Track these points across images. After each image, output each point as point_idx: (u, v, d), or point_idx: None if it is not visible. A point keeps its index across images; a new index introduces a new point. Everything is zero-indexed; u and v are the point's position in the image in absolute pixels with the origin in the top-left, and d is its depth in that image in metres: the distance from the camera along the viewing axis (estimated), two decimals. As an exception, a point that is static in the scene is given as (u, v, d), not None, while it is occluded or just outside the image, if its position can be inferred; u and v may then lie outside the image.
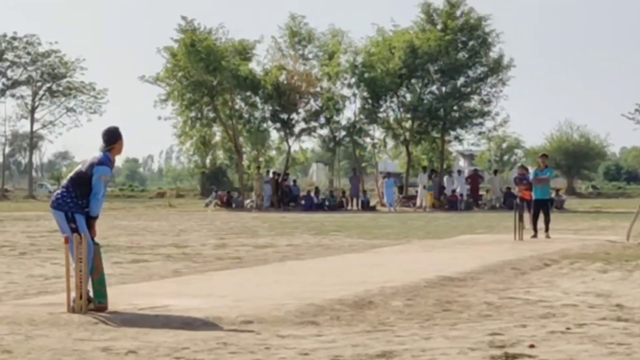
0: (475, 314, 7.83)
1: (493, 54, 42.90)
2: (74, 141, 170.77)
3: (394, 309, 8.13)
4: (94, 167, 7.79)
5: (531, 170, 19.75)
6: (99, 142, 8.11)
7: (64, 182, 8.05)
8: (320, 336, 6.68)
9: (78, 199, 7.81)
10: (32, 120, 56.77)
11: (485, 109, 43.55)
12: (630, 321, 7.30)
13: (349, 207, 38.94)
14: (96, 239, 8.02)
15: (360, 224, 25.22)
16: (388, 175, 41.79)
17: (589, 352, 5.96)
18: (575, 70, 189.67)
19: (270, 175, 39.93)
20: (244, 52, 41.90)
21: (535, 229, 17.84)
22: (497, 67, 42.59)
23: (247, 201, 39.51)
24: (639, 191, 63.72)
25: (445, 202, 38.25)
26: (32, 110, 56.38)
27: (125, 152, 8.48)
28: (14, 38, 54.54)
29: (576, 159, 63.27)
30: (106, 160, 7.88)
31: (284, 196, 39.13)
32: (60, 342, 6.51)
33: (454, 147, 50.29)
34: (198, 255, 14.19)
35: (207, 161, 50.33)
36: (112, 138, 7.99)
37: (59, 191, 7.96)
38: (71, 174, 8.03)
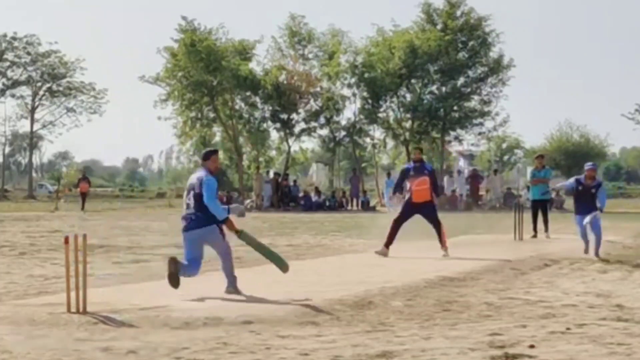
0: (475, 314, 7.83)
1: (493, 54, 43.00)
2: (74, 141, 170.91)
3: (394, 309, 8.13)
4: (202, 182, 8.79)
5: (529, 170, 19.71)
6: (99, 142, 8.28)
7: (192, 204, 8.87)
8: (320, 336, 6.68)
9: (205, 212, 8.75)
10: (32, 120, 56.79)
11: (485, 109, 43.62)
12: (630, 321, 7.30)
13: (349, 207, 38.94)
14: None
15: (360, 224, 25.21)
16: (388, 175, 41.80)
17: (589, 352, 5.96)
18: (575, 70, 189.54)
19: (271, 175, 39.94)
20: (244, 52, 41.92)
21: (535, 229, 17.83)
22: (497, 67, 42.65)
23: (247, 201, 39.51)
24: (639, 191, 63.73)
25: (445, 202, 38.24)
26: (32, 110, 56.39)
27: (125, 152, 8.61)
28: (14, 38, 54.56)
29: (576, 159, 63.13)
30: (207, 174, 8.87)
31: (284, 196, 39.13)
32: (60, 342, 6.51)
33: (454, 147, 50.35)
34: (198, 255, 14.16)
35: (207, 161, 50.25)
36: (205, 156, 9.21)
37: (190, 212, 8.87)
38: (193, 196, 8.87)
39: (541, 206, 18.06)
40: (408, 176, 14.05)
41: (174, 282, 8.62)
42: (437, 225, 13.93)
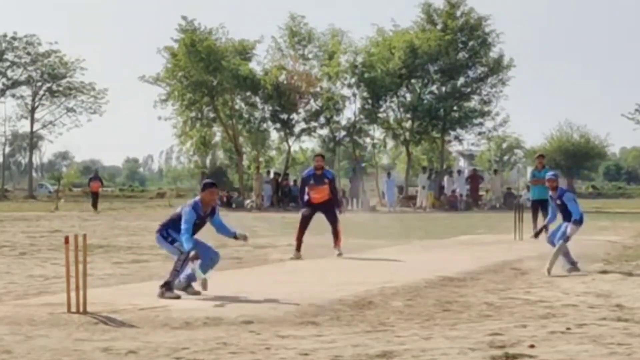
0: (476, 314, 7.83)
1: (493, 54, 42.96)
2: (74, 141, 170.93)
3: (394, 309, 8.13)
4: (183, 207, 9.06)
5: (529, 170, 19.62)
6: (99, 142, 8.33)
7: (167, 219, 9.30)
8: (320, 336, 6.68)
9: (169, 228, 9.04)
10: (32, 120, 56.74)
11: (485, 109, 43.58)
12: (630, 321, 7.30)
13: (349, 207, 38.93)
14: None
15: (360, 224, 25.21)
16: (389, 174, 41.87)
17: (589, 352, 5.96)
18: (575, 70, 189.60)
19: (272, 175, 39.95)
20: (244, 52, 41.91)
21: (535, 229, 17.82)
22: (497, 67, 42.61)
23: (247, 201, 39.52)
24: (639, 191, 63.72)
25: (446, 202, 38.26)
26: (32, 110, 56.35)
27: (125, 152, 8.71)
28: (14, 38, 54.51)
29: (576, 159, 63.24)
30: (192, 204, 9.00)
31: (284, 196, 39.14)
32: (60, 342, 6.51)
33: (454, 147, 50.32)
34: (198, 255, 14.15)
35: (207, 161, 50.31)
36: (202, 187, 9.26)
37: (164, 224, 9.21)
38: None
39: (541, 206, 18.05)
40: (308, 184, 13.97)
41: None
42: (335, 225, 14.11)
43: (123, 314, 7.62)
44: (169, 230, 9.00)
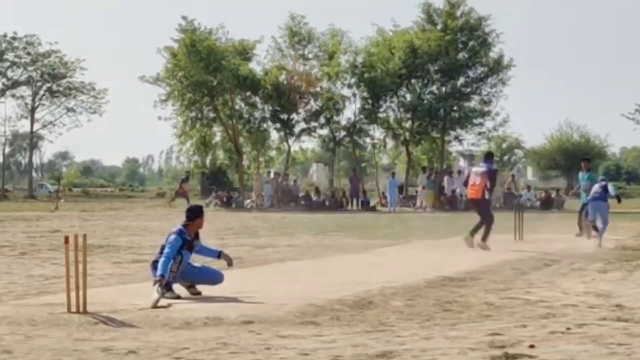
0: (475, 314, 7.83)
1: (493, 54, 42.94)
2: (74, 141, 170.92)
3: (394, 309, 8.13)
4: (169, 235, 8.88)
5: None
6: (99, 142, 8.31)
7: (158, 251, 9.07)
8: (320, 336, 6.68)
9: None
10: (32, 120, 56.71)
11: (485, 109, 43.55)
12: (630, 321, 7.30)
13: (349, 207, 38.93)
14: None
15: (360, 224, 25.21)
16: (393, 175, 41.86)
17: (589, 353, 5.96)
18: (575, 71, 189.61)
19: (272, 175, 39.96)
20: (244, 52, 41.91)
21: (580, 227, 17.76)
22: (497, 67, 42.59)
23: (247, 201, 39.51)
24: (639, 191, 63.70)
25: (446, 202, 38.25)
26: (32, 110, 56.33)
27: (125, 152, 8.65)
28: (14, 38, 54.50)
29: (576, 159, 63.14)
30: (177, 231, 8.88)
31: (284, 196, 39.14)
32: (60, 342, 6.51)
33: (454, 147, 50.29)
34: (198, 255, 14.17)
35: (207, 161, 50.30)
36: (192, 215, 9.07)
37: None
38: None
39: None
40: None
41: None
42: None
43: (123, 314, 7.62)
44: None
